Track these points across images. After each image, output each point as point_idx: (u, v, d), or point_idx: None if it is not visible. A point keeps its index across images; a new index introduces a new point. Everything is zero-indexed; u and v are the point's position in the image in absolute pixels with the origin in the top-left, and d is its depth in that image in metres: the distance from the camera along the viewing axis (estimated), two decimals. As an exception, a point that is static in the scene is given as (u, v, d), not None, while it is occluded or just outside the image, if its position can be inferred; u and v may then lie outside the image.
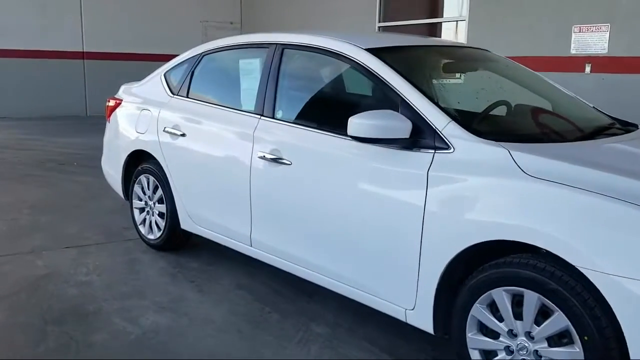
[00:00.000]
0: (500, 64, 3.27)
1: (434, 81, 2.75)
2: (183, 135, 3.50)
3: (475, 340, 2.18)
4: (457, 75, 3.02)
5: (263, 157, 2.94)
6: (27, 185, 5.80)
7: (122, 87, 4.42)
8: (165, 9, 13.22)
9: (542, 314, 1.99)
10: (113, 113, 4.24)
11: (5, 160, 7.07)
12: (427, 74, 2.82)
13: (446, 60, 3.10)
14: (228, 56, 3.56)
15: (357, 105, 2.82)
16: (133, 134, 3.92)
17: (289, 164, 2.81)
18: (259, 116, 3.07)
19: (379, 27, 9.51)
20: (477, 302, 2.15)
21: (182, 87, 3.68)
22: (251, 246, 3.15)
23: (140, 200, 3.98)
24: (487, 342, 2.15)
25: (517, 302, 2.06)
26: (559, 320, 1.92)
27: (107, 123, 4.38)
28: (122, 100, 4.18)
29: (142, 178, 3.90)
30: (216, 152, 3.30)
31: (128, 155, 3.99)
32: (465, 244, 2.15)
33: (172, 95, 3.74)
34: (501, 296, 2.08)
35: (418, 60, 2.92)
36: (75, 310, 2.98)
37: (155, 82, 3.95)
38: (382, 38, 3.32)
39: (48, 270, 3.51)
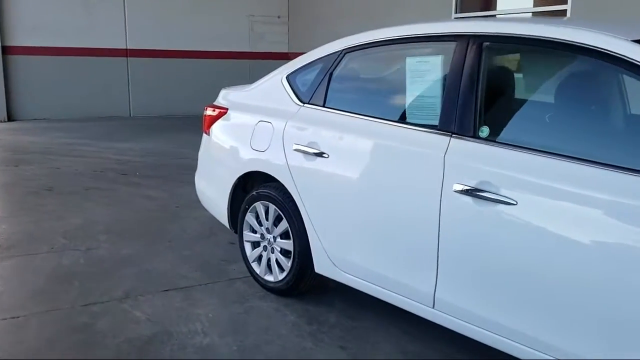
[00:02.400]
0: None
1: None
2: (322, 155, 2.72)
3: None
4: None
5: (465, 192, 2.15)
6: (93, 201, 5.10)
7: (222, 93, 3.67)
8: (210, 3, 12.51)
9: None
10: (214, 124, 3.49)
11: (60, 170, 6.41)
12: None
13: None
14: (384, 53, 2.78)
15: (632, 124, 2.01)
16: (247, 151, 3.16)
17: (513, 204, 2.02)
18: (448, 134, 2.28)
19: (455, 18, 8.65)
20: None
21: (316, 94, 2.90)
22: (433, 307, 2.36)
23: (255, 232, 3.23)
24: None
25: None
26: None
27: (205, 136, 3.63)
28: (227, 109, 3.42)
29: (259, 206, 3.14)
30: (379, 179, 2.52)
31: (238, 178, 3.23)
32: None
33: (301, 104, 2.96)
34: None
35: None
36: (209, 396, 2.24)
37: (273, 87, 3.18)
38: (619, 24, 2.50)
39: (154, 328, 2.78)
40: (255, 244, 3.25)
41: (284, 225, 3.00)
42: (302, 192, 2.84)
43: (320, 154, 2.74)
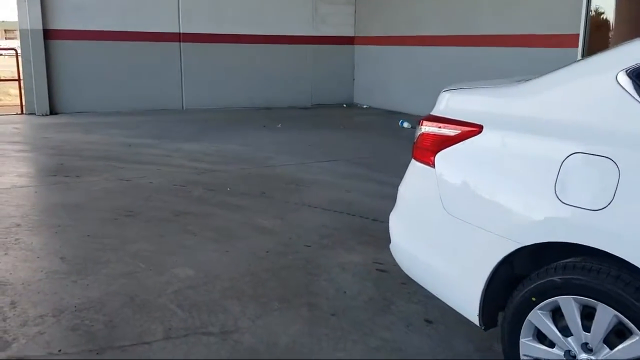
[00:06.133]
0: None
1: None
2: None
3: None
4: None
5: None
6: (193, 235, 3.80)
7: (446, 96, 2.31)
8: (270, -17, 11.15)
9: None
10: (445, 150, 2.14)
11: (133, 183, 5.13)
12: None
13: None
14: None
15: None
16: (546, 206, 1.79)
17: None
18: None
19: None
20: None
21: None
22: None
23: (550, 345, 1.87)
24: None
25: None
26: None
27: (419, 166, 2.29)
28: (479, 126, 2.05)
29: (567, 303, 1.78)
30: None
31: (518, 250, 1.88)
32: None
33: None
34: None
35: None
36: None
37: (593, 90, 1.81)
38: None
39: None
40: (550, 364, 1.90)
41: (638, 347, 1.64)
42: None
43: None
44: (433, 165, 2.19)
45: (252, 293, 2.96)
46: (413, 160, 2.35)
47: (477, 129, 2.05)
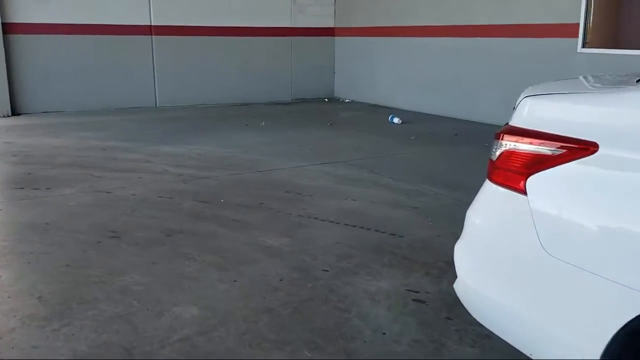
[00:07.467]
0: None
1: None
2: None
3: None
4: None
5: None
6: (192, 261, 3.28)
7: (529, 103, 1.85)
8: (246, -29, 10.55)
9: None
10: (540, 173, 1.68)
11: (113, 195, 4.55)
12: None
13: None
14: None
15: None
16: None
17: None
18: None
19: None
20: None
21: None
22: None
23: None
24: None
25: None
26: None
27: (497, 188, 1.83)
28: (592, 144, 1.59)
29: None
30: None
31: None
32: None
33: None
34: None
35: None
36: None
37: None
38: None
39: None
40: None
41: None
42: None
43: None
44: (524, 192, 1.73)
45: (274, 338, 2.47)
46: (489, 183, 1.88)
47: (589, 147, 1.59)
